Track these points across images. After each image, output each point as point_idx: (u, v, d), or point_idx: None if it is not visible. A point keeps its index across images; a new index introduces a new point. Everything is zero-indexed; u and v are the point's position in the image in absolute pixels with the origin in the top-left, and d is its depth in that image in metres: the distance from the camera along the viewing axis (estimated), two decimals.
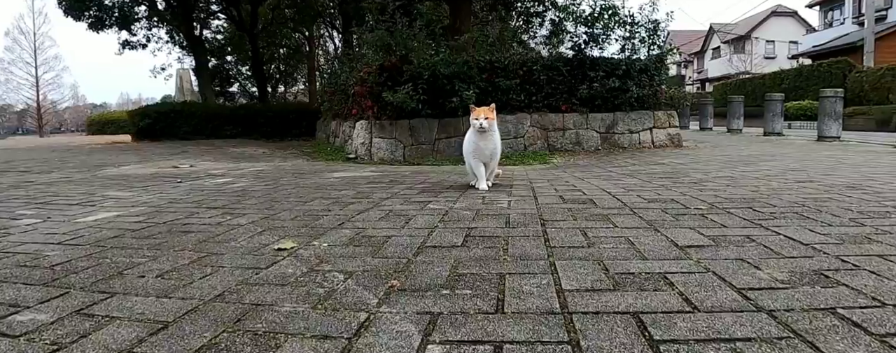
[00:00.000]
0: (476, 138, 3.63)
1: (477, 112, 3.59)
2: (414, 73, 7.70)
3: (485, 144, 3.65)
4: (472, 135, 3.69)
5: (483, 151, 3.68)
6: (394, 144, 8.20)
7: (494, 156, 3.79)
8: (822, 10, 34.00)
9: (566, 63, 8.91)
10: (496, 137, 3.74)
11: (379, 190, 3.74)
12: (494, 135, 3.71)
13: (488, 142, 3.66)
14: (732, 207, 2.81)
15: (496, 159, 3.85)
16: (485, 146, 3.66)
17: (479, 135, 3.60)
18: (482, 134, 3.59)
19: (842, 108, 11.05)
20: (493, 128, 3.64)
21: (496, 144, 3.75)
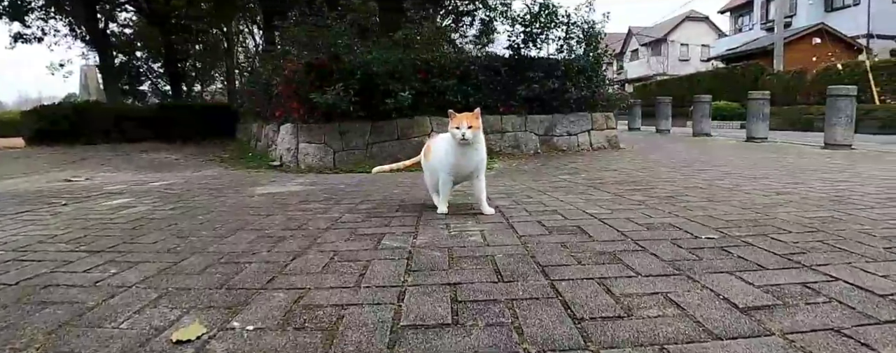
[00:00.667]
0: (456, 152, 2.85)
1: (457, 119, 2.80)
2: (344, 72, 7.03)
3: (467, 159, 2.88)
4: (448, 147, 2.89)
5: (464, 167, 2.91)
6: (323, 149, 7.49)
7: (479, 172, 2.99)
8: (733, 15, 35.74)
9: (504, 63, 8.54)
10: (482, 149, 2.96)
11: (315, 215, 3.05)
12: (481, 146, 2.94)
13: (472, 157, 2.89)
14: (743, 234, 2.39)
15: (482, 177, 3.03)
16: (467, 162, 2.89)
17: (459, 148, 2.83)
18: (464, 147, 2.83)
19: (769, 110, 11.27)
20: (478, 139, 2.87)
21: (482, 158, 2.96)
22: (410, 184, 4.78)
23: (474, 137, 2.81)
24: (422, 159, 3.29)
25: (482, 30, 15.77)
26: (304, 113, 7.46)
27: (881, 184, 4.16)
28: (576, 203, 3.27)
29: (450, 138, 2.87)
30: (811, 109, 19.13)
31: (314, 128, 7.50)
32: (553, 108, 8.86)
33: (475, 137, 2.82)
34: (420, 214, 2.98)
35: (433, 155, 3.10)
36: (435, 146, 3.12)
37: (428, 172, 3.22)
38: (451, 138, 2.86)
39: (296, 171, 6.95)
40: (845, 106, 8.72)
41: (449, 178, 2.99)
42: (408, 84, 7.51)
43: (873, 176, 4.74)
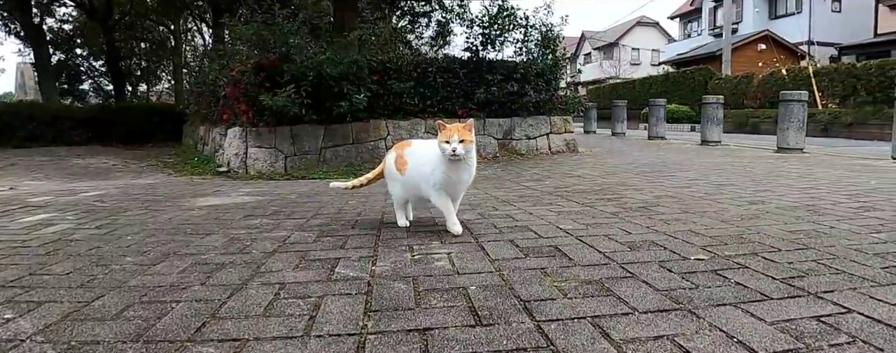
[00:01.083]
0: (447, 168, 2.51)
1: (447, 131, 2.45)
2: (296, 73, 6.67)
3: (458, 176, 2.56)
4: (437, 161, 2.52)
5: (455, 184, 2.58)
6: (273, 154, 7.10)
7: (466, 187, 2.72)
8: (682, 21, 36.65)
9: (462, 65, 8.32)
10: (473, 165, 2.64)
11: (262, 233, 2.72)
12: (473, 162, 2.61)
13: (463, 173, 2.57)
14: (732, 253, 2.20)
15: (462, 195, 2.77)
16: (458, 179, 2.57)
17: (450, 163, 2.49)
18: (455, 163, 2.49)
19: (722, 113, 11.41)
20: (471, 155, 2.55)
21: (472, 175, 2.66)
22: (367, 193, 4.47)
23: (467, 154, 2.48)
24: (389, 170, 2.83)
25: (439, 31, 15.54)
26: (253, 116, 7.06)
27: (847, 191, 4.10)
28: (546, 217, 3.05)
29: (435, 148, 2.53)
30: (758, 113, 19.68)
31: (264, 132, 7.10)
32: (512, 111, 8.71)
33: (468, 153, 2.49)
34: (379, 231, 2.69)
35: (412, 167, 2.67)
36: (415, 157, 2.68)
37: (399, 186, 2.78)
38: (436, 150, 2.52)
39: (244, 177, 6.54)
40: (797, 111, 8.86)
41: (444, 194, 2.59)
42: (363, 86, 7.21)
43: (835, 182, 4.71)
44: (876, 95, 16.10)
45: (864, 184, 4.60)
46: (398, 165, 2.74)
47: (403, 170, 2.71)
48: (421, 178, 2.63)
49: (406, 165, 2.70)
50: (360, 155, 7.53)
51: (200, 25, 24.95)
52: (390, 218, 3.06)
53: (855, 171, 5.76)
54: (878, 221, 2.92)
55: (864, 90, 16.37)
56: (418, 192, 2.68)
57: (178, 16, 22.54)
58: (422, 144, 2.76)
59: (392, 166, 2.78)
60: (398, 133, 7.83)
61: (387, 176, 2.86)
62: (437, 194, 2.59)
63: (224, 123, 8.02)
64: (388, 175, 2.84)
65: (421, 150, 2.70)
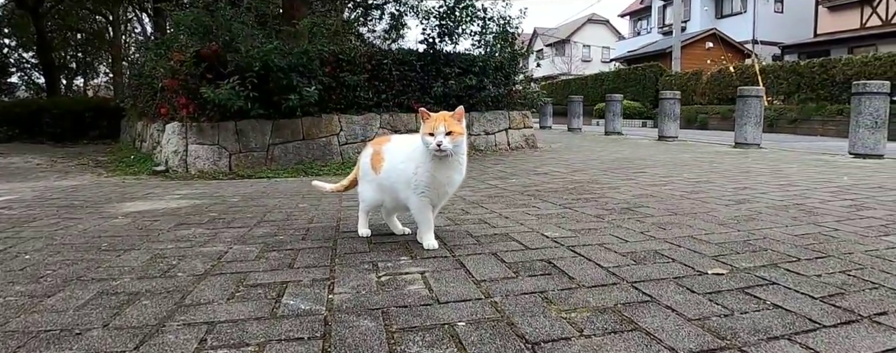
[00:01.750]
0: (431, 166, 2.04)
1: (431, 122, 2.00)
2: (241, 63, 6.14)
3: (447, 176, 2.09)
4: (421, 158, 2.06)
5: (442, 186, 2.11)
6: (216, 151, 6.55)
7: (454, 191, 2.25)
8: (632, 19, 37.21)
9: (419, 58, 7.94)
10: (465, 163, 2.16)
11: (192, 248, 2.25)
12: (463, 159, 2.14)
13: (453, 171, 2.11)
14: (749, 264, 1.91)
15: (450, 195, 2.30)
16: (447, 180, 2.10)
17: (436, 161, 2.03)
18: (441, 160, 2.03)
19: (679, 109, 11.40)
20: (461, 150, 2.07)
21: (463, 174, 2.18)
22: (319, 195, 4.04)
23: (456, 148, 2.02)
24: (362, 168, 2.37)
25: (392, 24, 15.08)
26: (194, 110, 6.49)
27: (827, 188, 3.93)
28: (526, 221, 2.70)
29: (419, 145, 2.07)
30: (706, 109, 20.03)
31: (206, 127, 6.54)
32: (470, 105, 8.39)
33: (457, 147, 2.02)
34: (335, 243, 2.27)
35: (389, 167, 2.20)
36: (391, 154, 2.22)
37: (372, 188, 2.31)
38: (420, 146, 2.06)
39: (183, 177, 5.98)
40: (754, 106, 8.85)
41: (427, 201, 2.12)
42: (314, 79, 6.74)
43: (808, 178, 4.56)
44: (819, 93, 16.53)
45: (838, 180, 4.46)
46: (374, 163, 2.28)
47: (379, 168, 2.25)
48: (399, 178, 2.14)
49: (382, 162, 2.23)
50: (310, 152, 7.05)
51: (141, 15, 23.63)
52: (348, 226, 2.65)
53: (820, 167, 5.67)
54: (879, 222, 2.72)
55: (808, 88, 16.78)
56: (395, 195, 2.20)
57: (117, 4, 21.25)
58: (403, 139, 2.30)
59: (366, 163, 2.33)
60: (351, 129, 7.40)
61: (360, 175, 2.40)
62: (418, 200, 2.10)
63: (162, 118, 7.39)
64: (362, 173, 2.38)
65: (401, 145, 2.23)
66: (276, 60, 6.22)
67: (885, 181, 4.36)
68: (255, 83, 6.19)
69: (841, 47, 21.63)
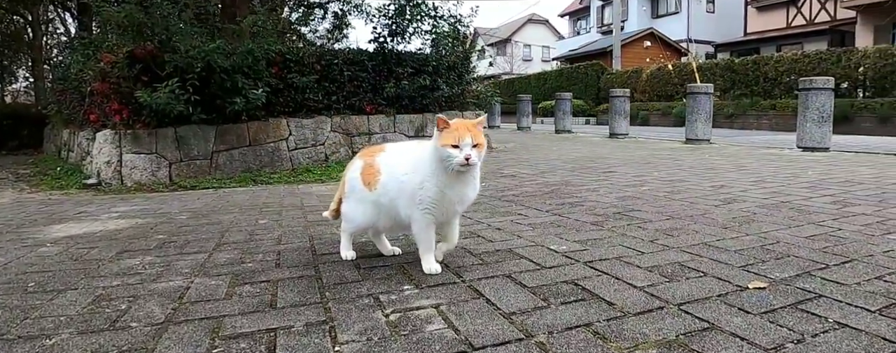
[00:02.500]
0: (446, 181, 1.75)
1: (452, 132, 1.70)
2: (181, 64, 5.67)
3: (462, 192, 1.81)
4: (431, 171, 1.77)
5: (454, 204, 1.82)
6: (155, 161, 6.04)
7: (463, 209, 1.94)
8: (572, 19, 37.82)
9: (370, 57, 7.62)
10: (478, 176, 1.88)
11: (144, 285, 1.82)
12: (477, 173, 1.87)
13: (469, 187, 1.83)
14: (782, 274, 1.75)
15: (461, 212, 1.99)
16: (460, 196, 1.82)
17: (452, 176, 1.74)
18: (460, 176, 1.75)
19: (629, 107, 11.50)
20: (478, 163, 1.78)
21: (476, 190, 1.89)
22: (278, 207, 3.68)
23: (479, 159, 1.75)
24: (351, 184, 2.00)
25: (336, 24, 14.65)
26: (129, 116, 5.96)
27: (800, 184, 3.89)
28: (522, 233, 2.46)
29: (426, 155, 1.80)
30: (647, 106, 20.47)
31: (142, 135, 6.01)
32: (423, 106, 8.16)
33: (479, 159, 1.75)
34: (317, 270, 1.94)
35: (387, 180, 1.88)
36: (390, 165, 1.90)
37: (364, 207, 1.96)
38: (427, 156, 1.79)
39: (119, 191, 5.45)
40: (704, 103, 8.96)
41: (432, 220, 1.82)
42: (260, 80, 6.32)
43: (775, 173, 4.54)
44: (752, 88, 17.14)
45: (803, 175, 4.46)
46: (366, 177, 1.95)
47: (374, 183, 1.92)
48: (401, 193, 1.84)
49: (378, 175, 1.91)
50: (258, 159, 6.62)
51: (64, 14, 22.09)
52: (325, 246, 2.34)
53: (777, 161, 5.72)
54: (873, 219, 2.65)
55: (743, 84, 17.37)
56: (395, 213, 1.88)
57: (36, 3, 19.76)
58: (403, 147, 1.99)
59: (355, 179, 1.99)
60: (301, 133, 7.01)
61: (345, 192, 2.04)
62: (422, 217, 1.81)
63: (92, 126, 6.79)
64: (349, 190, 2.02)
65: (402, 154, 1.92)
66: (219, 61, 5.77)
67: (847, 175, 4.38)
68: (196, 86, 5.72)
69: (769, 45, 22.58)
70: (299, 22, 14.73)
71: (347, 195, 2.03)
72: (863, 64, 14.08)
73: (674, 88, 19.95)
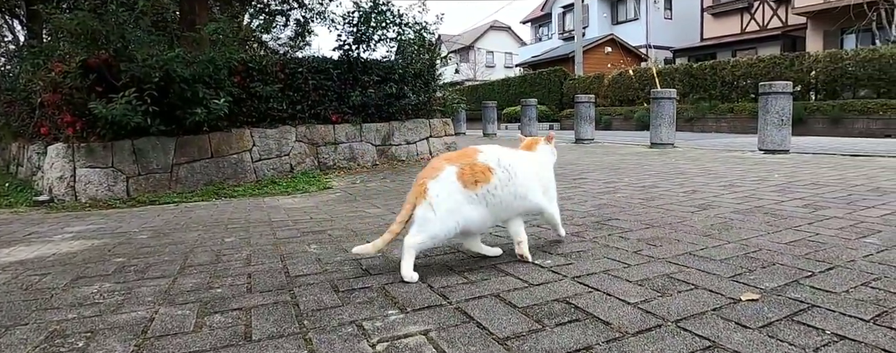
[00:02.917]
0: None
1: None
2: (138, 74, 5.45)
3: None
4: (551, 171, 2.34)
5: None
6: (112, 175, 5.79)
7: None
8: (534, 26, 38.21)
9: (335, 66, 7.51)
10: None
11: (103, 317, 1.66)
12: None
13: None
14: (771, 284, 1.72)
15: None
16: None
17: None
18: None
19: (594, 112, 11.60)
20: None
21: None
22: (244, 222, 3.54)
23: None
24: (446, 193, 1.89)
25: (298, 31, 14.45)
26: (82, 128, 5.71)
27: (768, 187, 3.94)
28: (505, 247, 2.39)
29: (545, 159, 2.29)
30: (610, 110, 20.76)
31: (97, 148, 5.76)
32: (390, 114, 8.08)
33: None
34: (292, 294, 1.81)
35: (509, 176, 1.98)
36: (517, 166, 2.03)
37: (464, 210, 1.90)
38: (547, 160, 2.31)
39: (73, 208, 5.20)
40: (668, 108, 9.09)
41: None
42: (222, 90, 6.13)
43: (742, 177, 4.60)
44: (711, 92, 17.54)
45: (770, 178, 4.52)
46: (467, 180, 1.91)
47: (483, 182, 1.92)
48: (531, 188, 2.09)
49: (490, 174, 1.94)
50: (221, 171, 6.41)
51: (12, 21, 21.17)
52: (297, 267, 2.22)
53: (741, 164, 5.81)
54: (846, 222, 2.68)
55: (701, 88, 17.76)
56: (522, 205, 2.07)
57: None
58: (510, 151, 2.11)
59: (452, 184, 1.91)
60: (265, 143, 6.83)
61: (435, 205, 1.88)
62: (553, 204, 2.27)
63: (43, 139, 6.48)
64: (441, 201, 1.88)
65: (516, 154, 2.13)
66: (178, 70, 5.57)
67: (812, 178, 4.46)
68: (154, 96, 5.51)
69: (725, 50, 23.21)
70: (261, 29, 14.47)
71: (436, 207, 1.89)
72: (814, 68, 14.55)
73: (635, 93, 20.30)
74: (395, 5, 8.12)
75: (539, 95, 23.83)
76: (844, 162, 5.71)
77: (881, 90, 13.38)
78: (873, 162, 5.64)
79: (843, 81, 14.10)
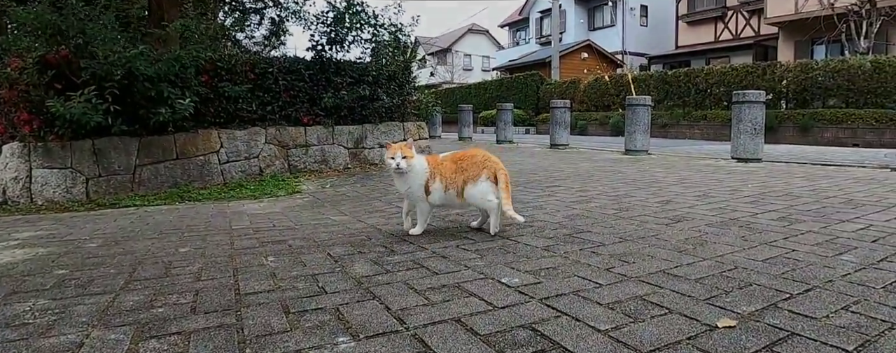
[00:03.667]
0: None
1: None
2: (99, 71, 5.24)
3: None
4: None
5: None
6: (71, 176, 5.56)
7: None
8: (512, 30, 38.32)
9: (308, 66, 7.35)
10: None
11: (27, 344, 1.50)
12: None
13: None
14: (748, 308, 1.64)
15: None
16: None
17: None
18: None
19: (569, 117, 11.59)
20: None
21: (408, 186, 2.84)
22: (203, 230, 3.37)
23: None
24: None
25: (273, 30, 14.22)
26: (40, 127, 5.48)
27: (741, 198, 3.90)
28: (469, 261, 2.27)
29: None
30: (585, 116, 20.85)
31: (55, 148, 5.52)
32: (363, 117, 7.94)
33: None
34: (239, 315, 1.63)
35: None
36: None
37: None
38: None
39: (27, 210, 4.96)
40: (642, 115, 9.11)
41: None
42: (188, 89, 5.94)
43: (716, 187, 4.56)
44: (685, 99, 17.72)
45: (745, 188, 4.49)
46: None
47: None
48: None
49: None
50: (186, 173, 6.21)
51: None
52: (250, 282, 2.08)
53: (715, 173, 5.80)
54: (822, 237, 2.62)
55: (676, 95, 17.94)
56: None
57: None
58: None
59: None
60: (233, 145, 6.64)
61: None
62: None
63: None
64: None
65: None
66: (142, 68, 5.37)
67: (785, 188, 4.45)
68: (116, 94, 5.31)
69: (699, 58, 23.50)
70: (234, 27, 14.19)
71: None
72: (786, 77, 14.78)
73: (610, 99, 20.42)
74: (370, 6, 7.99)
75: (515, 99, 23.86)
76: (816, 172, 5.73)
77: (849, 100, 13.65)
78: (844, 172, 5.67)
79: (813, 91, 14.34)
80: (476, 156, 2.86)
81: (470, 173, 2.79)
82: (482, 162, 2.82)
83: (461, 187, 2.78)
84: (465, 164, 2.84)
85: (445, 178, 2.80)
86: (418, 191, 2.80)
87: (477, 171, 2.79)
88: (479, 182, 2.76)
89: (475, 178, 2.77)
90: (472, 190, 2.76)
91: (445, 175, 2.80)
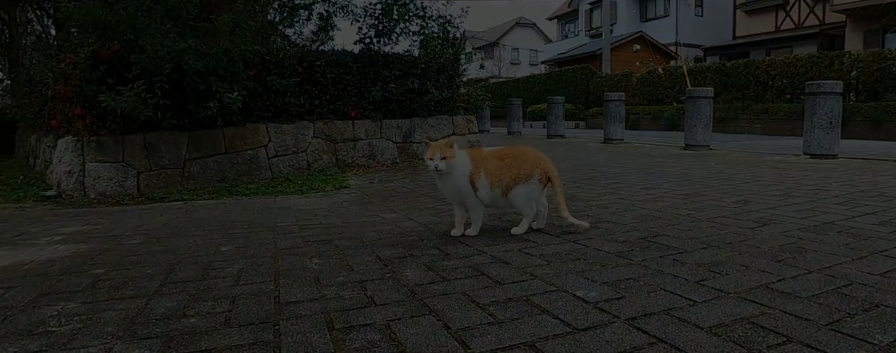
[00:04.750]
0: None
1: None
2: (149, 65, 5.20)
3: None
4: None
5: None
6: (122, 170, 5.56)
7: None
8: (560, 22, 37.56)
9: (355, 60, 7.20)
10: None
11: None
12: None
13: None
14: (880, 336, 1.35)
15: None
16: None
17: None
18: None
19: (624, 111, 11.15)
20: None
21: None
22: (246, 228, 3.23)
23: None
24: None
25: (321, 26, 14.20)
26: (93, 122, 5.49)
27: (827, 198, 3.51)
28: (535, 269, 2.02)
29: None
30: (637, 109, 20.17)
31: (108, 142, 5.53)
32: (411, 111, 7.76)
33: None
34: (277, 330, 1.47)
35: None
36: None
37: None
38: None
39: (79, 203, 4.97)
40: (704, 108, 8.62)
41: None
42: (236, 83, 5.86)
43: (796, 185, 4.16)
44: (744, 92, 16.89)
45: (829, 187, 4.08)
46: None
47: None
48: None
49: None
50: (235, 167, 6.15)
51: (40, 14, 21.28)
52: (292, 290, 1.90)
53: (789, 170, 5.36)
54: None
55: (735, 87, 17.12)
56: None
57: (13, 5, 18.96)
58: None
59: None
60: (281, 139, 6.55)
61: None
62: None
63: (54, 132, 6.30)
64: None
65: None
66: (190, 62, 5.31)
67: (875, 187, 4.02)
68: (166, 88, 5.26)
69: (759, 49, 22.42)
70: (283, 23, 14.25)
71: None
72: (856, 68, 13.87)
73: (664, 92, 19.70)
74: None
75: (565, 93, 23.30)
76: None
77: None
78: None
79: (886, 82, 13.41)
80: (526, 154, 2.65)
81: (519, 172, 2.56)
82: (534, 161, 2.60)
83: (508, 185, 2.55)
84: (513, 161, 2.60)
85: (491, 174, 2.56)
86: (464, 187, 2.56)
87: (529, 170, 2.56)
88: (531, 182, 2.54)
89: (527, 177, 2.54)
90: (522, 190, 2.54)
91: (490, 171, 2.56)
